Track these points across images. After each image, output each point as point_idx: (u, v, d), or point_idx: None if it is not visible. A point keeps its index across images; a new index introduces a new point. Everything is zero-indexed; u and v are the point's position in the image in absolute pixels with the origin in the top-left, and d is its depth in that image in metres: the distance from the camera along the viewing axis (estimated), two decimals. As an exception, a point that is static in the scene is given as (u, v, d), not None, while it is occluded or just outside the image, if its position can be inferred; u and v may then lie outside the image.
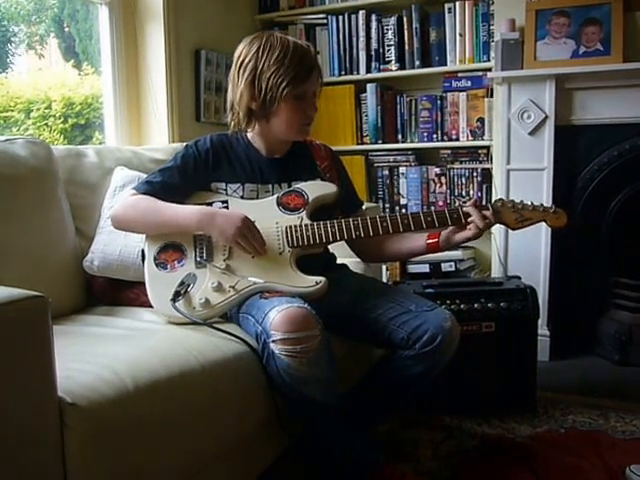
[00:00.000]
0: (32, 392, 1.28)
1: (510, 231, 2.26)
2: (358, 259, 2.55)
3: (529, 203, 2.22)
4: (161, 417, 1.56)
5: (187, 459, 1.65)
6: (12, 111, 3.33)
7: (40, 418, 1.30)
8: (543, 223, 2.22)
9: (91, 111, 3.65)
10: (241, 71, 2.20)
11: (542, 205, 2.22)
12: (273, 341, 1.81)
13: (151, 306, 2.16)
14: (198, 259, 2.13)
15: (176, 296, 2.03)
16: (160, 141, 3.70)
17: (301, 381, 1.82)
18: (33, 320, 1.28)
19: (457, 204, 4.00)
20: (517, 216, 2.20)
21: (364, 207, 2.57)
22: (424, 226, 2.19)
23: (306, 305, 1.89)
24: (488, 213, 2.16)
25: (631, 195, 3.52)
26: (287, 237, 2.15)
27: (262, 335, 1.86)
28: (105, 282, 2.46)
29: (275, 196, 2.25)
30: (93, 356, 1.64)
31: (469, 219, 2.16)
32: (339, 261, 2.49)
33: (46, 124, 3.45)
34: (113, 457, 1.41)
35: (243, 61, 2.19)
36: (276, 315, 1.83)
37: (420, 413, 2.77)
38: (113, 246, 2.43)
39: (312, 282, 2.07)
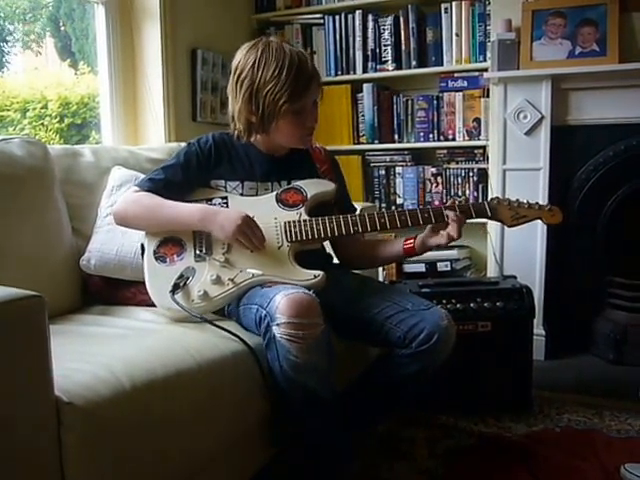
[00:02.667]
0: (29, 391, 1.28)
1: (506, 229, 2.28)
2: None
3: (525, 201, 2.25)
4: (158, 416, 1.56)
5: (185, 458, 1.66)
6: (8, 110, 3.33)
7: (37, 417, 1.30)
8: (539, 222, 2.24)
9: (87, 111, 3.64)
10: (238, 86, 2.20)
11: (537, 203, 2.25)
12: (277, 324, 1.81)
13: (148, 305, 2.17)
14: (197, 252, 2.14)
15: (175, 288, 2.04)
16: (157, 141, 3.69)
17: (298, 368, 1.82)
18: (30, 320, 1.28)
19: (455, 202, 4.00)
20: (513, 213, 2.22)
21: (358, 211, 2.58)
22: (421, 222, 2.20)
23: (312, 292, 1.90)
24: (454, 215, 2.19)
25: (627, 195, 3.52)
26: (286, 232, 2.17)
27: (266, 318, 1.86)
28: (102, 281, 2.46)
29: (274, 193, 2.27)
30: (90, 355, 1.64)
31: (447, 229, 2.19)
32: (335, 261, 2.49)
33: (42, 124, 3.45)
34: (110, 456, 1.41)
35: (240, 75, 2.19)
36: (282, 299, 1.84)
37: (417, 412, 2.77)
38: (110, 245, 2.43)
39: (310, 275, 2.08)
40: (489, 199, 2.28)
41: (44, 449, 1.31)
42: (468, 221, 2.23)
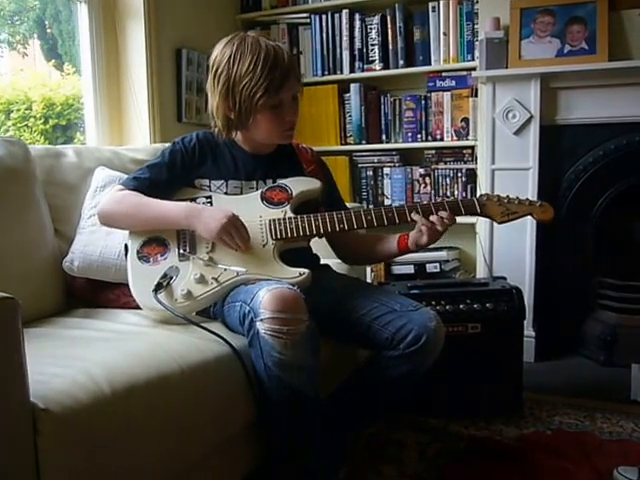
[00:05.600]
0: (2, 398, 1.25)
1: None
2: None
3: (515, 197, 2.22)
4: (139, 422, 1.53)
5: (166, 464, 1.62)
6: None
7: (11, 425, 1.26)
8: (529, 223, 2.22)
9: (72, 112, 3.61)
10: (215, 82, 2.18)
11: (528, 199, 2.23)
12: (261, 320, 1.79)
13: (132, 307, 2.15)
14: (181, 251, 2.12)
15: (158, 287, 2.01)
16: (142, 142, 3.66)
17: (283, 365, 1.80)
18: (2, 323, 1.25)
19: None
20: (503, 210, 2.20)
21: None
22: (408, 219, 2.17)
23: (296, 288, 1.89)
24: (434, 218, 2.14)
25: (617, 194, 3.50)
26: (270, 230, 2.14)
27: (249, 314, 1.84)
28: (85, 283, 2.42)
29: (259, 191, 2.25)
30: (70, 360, 1.60)
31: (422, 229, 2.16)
32: (322, 262, 2.47)
33: (26, 125, 3.41)
34: (88, 464, 1.38)
35: (217, 71, 2.17)
36: (266, 294, 1.82)
37: (406, 415, 2.74)
38: (94, 246, 2.39)
39: (296, 273, 2.06)
40: (478, 195, 2.25)
41: (19, 458, 1.28)
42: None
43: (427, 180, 4.11)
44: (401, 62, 4.11)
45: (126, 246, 2.20)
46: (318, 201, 2.32)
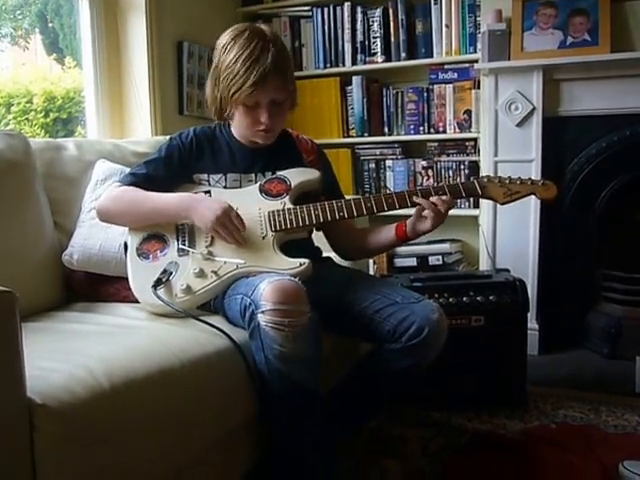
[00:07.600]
0: (-1, 393, 1.23)
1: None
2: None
3: (516, 177, 2.20)
4: (138, 417, 1.51)
5: (166, 459, 1.61)
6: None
7: (7, 421, 1.24)
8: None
9: (73, 105, 3.59)
10: (211, 68, 2.19)
11: (530, 178, 2.21)
12: (262, 312, 1.78)
13: (132, 301, 2.14)
14: (180, 247, 2.12)
15: (157, 283, 2.01)
16: (143, 134, 3.64)
17: (284, 358, 1.78)
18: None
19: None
20: (505, 190, 2.18)
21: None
22: (409, 204, 2.15)
23: (297, 280, 1.87)
24: (435, 199, 2.12)
25: (620, 187, 3.49)
26: (270, 221, 2.14)
27: (250, 307, 1.83)
28: (85, 277, 2.41)
29: (258, 184, 2.24)
30: (68, 354, 1.58)
31: (424, 213, 2.13)
32: (324, 255, 2.44)
33: (27, 118, 3.40)
34: (86, 460, 1.36)
35: (214, 56, 2.18)
36: (267, 286, 1.81)
37: (408, 408, 2.73)
38: (93, 240, 2.39)
39: (296, 264, 2.04)
40: (479, 177, 2.23)
41: (15, 455, 1.26)
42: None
43: (429, 172, 4.09)
44: (403, 54, 4.09)
45: (125, 244, 2.20)
46: (318, 191, 2.30)
